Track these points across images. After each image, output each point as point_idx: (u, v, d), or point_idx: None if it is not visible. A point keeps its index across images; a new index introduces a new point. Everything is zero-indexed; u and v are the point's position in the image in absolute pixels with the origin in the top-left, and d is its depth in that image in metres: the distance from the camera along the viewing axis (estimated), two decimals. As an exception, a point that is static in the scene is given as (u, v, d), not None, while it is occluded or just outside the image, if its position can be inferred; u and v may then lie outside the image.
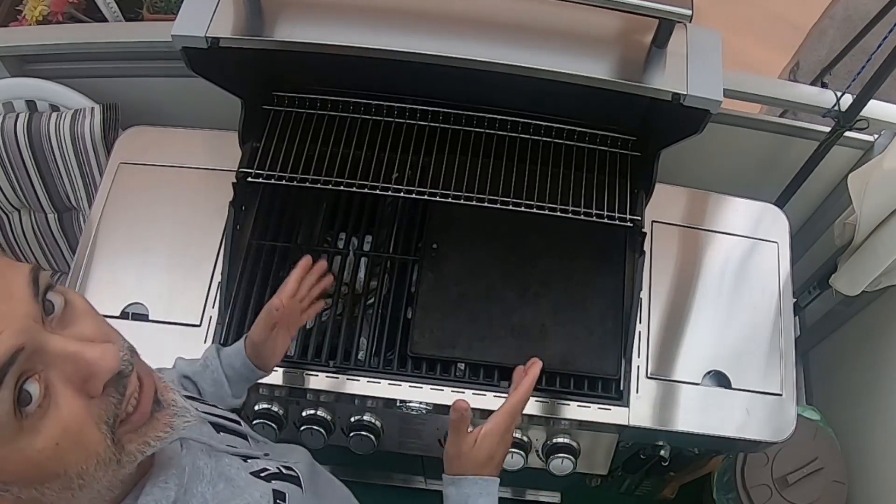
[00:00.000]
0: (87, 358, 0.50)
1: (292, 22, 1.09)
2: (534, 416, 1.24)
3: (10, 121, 1.55)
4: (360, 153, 1.34)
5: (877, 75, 1.37)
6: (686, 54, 1.08)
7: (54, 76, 1.60)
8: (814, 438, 1.66)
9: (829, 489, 1.63)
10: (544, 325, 1.29)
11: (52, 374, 0.49)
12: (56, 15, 1.68)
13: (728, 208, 1.45)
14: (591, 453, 1.31)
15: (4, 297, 0.48)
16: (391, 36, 1.06)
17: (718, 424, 1.25)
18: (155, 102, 1.65)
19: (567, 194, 1.32)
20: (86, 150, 1.55)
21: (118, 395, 0.53)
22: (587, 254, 1.35)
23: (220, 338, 1.25)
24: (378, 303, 1.32)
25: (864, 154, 1.58)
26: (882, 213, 1.44)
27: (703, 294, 1.35)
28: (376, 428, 1.27)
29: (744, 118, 1.59)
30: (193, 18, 1.07)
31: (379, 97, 1.39)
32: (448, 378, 1.25)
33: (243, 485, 0.68)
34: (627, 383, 1.26)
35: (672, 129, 1.20)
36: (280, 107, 1.39)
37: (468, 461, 0.87)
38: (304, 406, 1.27)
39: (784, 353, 1.31)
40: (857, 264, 1.53)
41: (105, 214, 1.36)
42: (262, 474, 0.72)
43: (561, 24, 1.10)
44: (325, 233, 1.41)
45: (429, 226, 1.37)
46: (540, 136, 1.39)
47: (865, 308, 1.73)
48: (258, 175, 1.30)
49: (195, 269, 1.32)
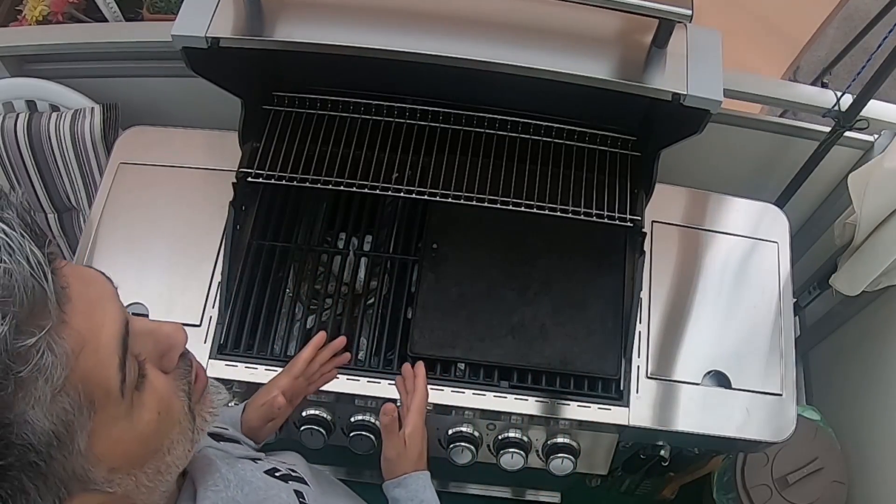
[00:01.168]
0: (165, 332, 0.55)
1: (292, 22, 1.09)
2: (534, 416, 1.24)
3: (10, 121, 1.55)
4: (360, 153, 1.34)
5: (877, 75, 1.37)
6: (686, 54, 1.08)
7: (54, 76, 1.60)
8: (814, 438, 1.66)
9: (829, 489, 1.63)
10: (544, 324, 1.29)
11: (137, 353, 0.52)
12: (56, 15, 1.68)
13: (728, 208, 1.45)
14: (591, 453, 1.31)
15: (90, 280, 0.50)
16: (391, 36, 1.06)
17: (718, 424, 1.24)
18: (155, 102, 1.65)
19: (567, 194, 1.32)
20: (86, 150, 1.55)
21: (186, 366, 0.57)
22: (587, 254, 1.35)
23: (221, 338, 1.25)
24: (378, 303, 1.32)
25: (864, 154, 1.58)
26: (882, 213, 1.44)
27: (703, 294, 1.35)
28: (376, 428, 1.27)
29: (744, 118, 1.59)
30: (193, 18, 1.07)
31: (379, 97, 1.39)
32: (448, 378, 1.25)
33: (264, 486, 0.69)
34: (627, 383, 1.26)
35: (672, 129, 1.20)
36: (280, 107, 1.39)
37: (406, 461, 1.00)
38: (304, 406, 1.27)
39: (784, 353, 1.31)
40: (857, 264, 1.53)
41: (105, 214, 1.36)
42: (275, 474, 0.73)
43: (561, 24, 1.10)
44: (325, 233, 1.41)
45: (429, 226, 1.37)
46: (540, 136, 1.39)
47: (865, 308, 1.73)
48: (258, 175, 1.30)
49: (195, 269, 1.32)
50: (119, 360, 0.48)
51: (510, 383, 1.26)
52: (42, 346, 0.43)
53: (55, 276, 0.45)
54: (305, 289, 1.34)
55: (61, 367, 0.44)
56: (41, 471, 0.45)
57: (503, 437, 1.28)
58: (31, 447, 0.44)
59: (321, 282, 1.34)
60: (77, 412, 0.46)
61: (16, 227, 0.44)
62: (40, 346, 0.43)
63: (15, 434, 0.43)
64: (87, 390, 0.46)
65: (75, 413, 0.46)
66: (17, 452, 0.43)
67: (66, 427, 0.46)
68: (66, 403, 0.45)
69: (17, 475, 0.44)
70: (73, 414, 0.46)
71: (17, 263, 0.43)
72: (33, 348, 0.43)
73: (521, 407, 1.23)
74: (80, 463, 0.47)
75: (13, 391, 0.42)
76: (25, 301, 0.43)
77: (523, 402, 1.24)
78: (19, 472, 0.44)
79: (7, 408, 0.43)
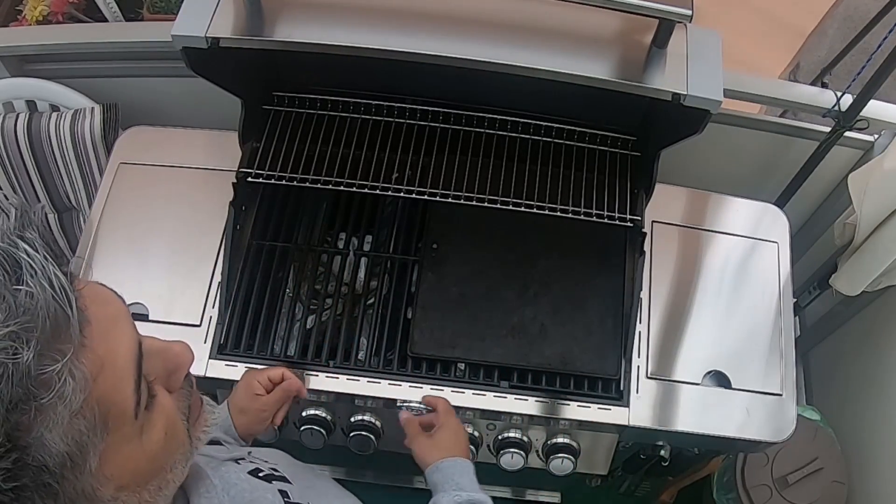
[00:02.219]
0: (175, 352, 0.55)
1: (292, 22, 1.09)
2: (534, 416, 1.24)
3: (10, 121, 1.55)
4: (361, 153, 1.34)
5: (877, 75, 1.37)
6: (686, 54, 1.08)
7: (54, 76, 1.60)
8: (814, 438, 1.66)
9: (829, 489, 1.63)
10: (544, 324, 1.29)
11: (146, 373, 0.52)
12: (56, 15, 1.68)
13: (728, 208, 1.45)
14: (591, 453, 1.31)
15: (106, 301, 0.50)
16: (391, 36, 1.06)
17: (718, 424, 1.24)
18: (155, 102, 1.65)
19: (567, 194, 1.32)
20: (86, 150, 1.55)
21: (188, 386, 0.58)
22: (587, 254, 1.35)
23: (221, 338, 1.25)
24: (378, 303, 1.32)
25: (864, 154, 1.58)
26: (882, 213, 1.44)
27: (703, 294, 1.35)
28: (376, 428, 1.27)
29: (744, 118, 1.59)
30: (193, 18, 1.07)
31: (379, 97, 1.39)
32: (448, 378, 1.25)
33: (249, 488, 0.69)
34: (627, 383, 1.26)
35: (672, 129, 1.20)
36: (280, 107, 1.39)
37: (438, 448, 1.03)
38: (304, 406, 1.27)
39: (784, 353, 1.31)
40: (857, 264, 1.53)
41: (105, 214, 1.36)
42: (259, 475, 0.73)
43: (561, 24, 1.10)
44: (325, 233, 1.41)
45: (429, 226, 1.37)
46: (540, 136, 1.39)
47: (865, 308, 1.73)
48: (258, 175, 1.30)
49: (195, 269, 1.32)
50: (134, 382, 0.49)
51: (510, 383, 1.26)
52: (64, 373, 0.43)
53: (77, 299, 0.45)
54: (305, 289, 1.34)
55: (80, 392, 0.44)
56: (53, 491, 0.45)
57: (503, 437, 1.28)
58: (45, 469, 0.44)
59: (321, 282, 1.34)
60: (91, 433, 0.46)
61: (39, 248, 0.44)
62: (63, 372, 0.43)
63: (31, 456, 0.43)
64: (103, 412, 0.46)
65: (89, 434, 0.46)
66: (31, 473, 0.44)
67: (80, 448, 0.46)
68: (81, 426, 0.45)
69: (30, 495, 0.44)
70: (87, 435, 0.46)
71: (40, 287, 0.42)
72: (56, 375, 0.43)
73: (521, 407, 1.23)
74: (90, 482, 0.48)
75: (33, 416, 0.42)
76: (48, 325, 0.42)
77: (523, 402, 1.24)
78: (33, 492, 0.44)
79: (26, 431, 0.43)
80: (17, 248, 0.43)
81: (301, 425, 1.27)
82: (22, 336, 0.41)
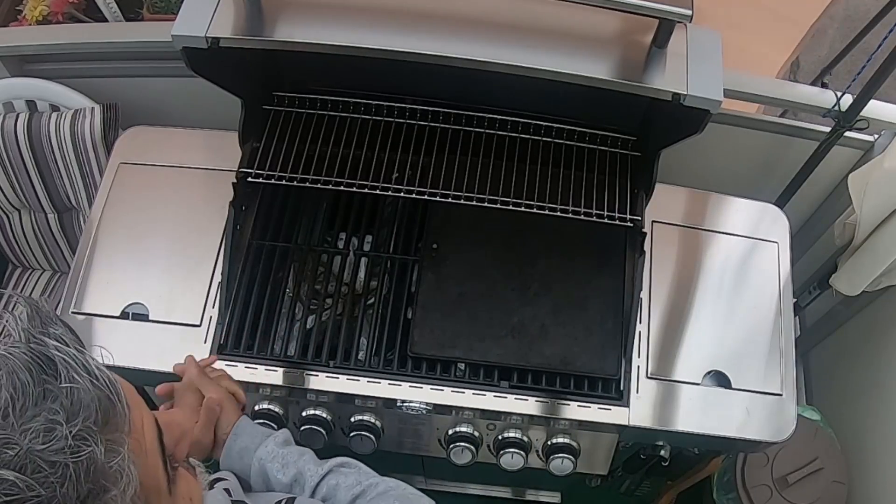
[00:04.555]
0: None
1: (292, 22, 1.09)
2: (534, 416, 1.24)
3: (10, 121, 1.55)
4: (361, 153, 1.34)
5: (877, 75, 1.37)
6: (686, 54, 1.08)
7: (54, 76, 1.60)
8: (814, 438, 1.66)
9: (829, 489, 1.62)
10: (544, 324, 1.29)
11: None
12: (56, 15, 1.68)
13: (728, 208, 1.45)
14: (591, 453, 1.31)
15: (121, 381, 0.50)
16: (391, 36, 1.06)
17: (718, 424, 1.24)
18: (155, 102, 1.65)
19: (567, 194, 1.32)
20: (86, 150, 1.55)
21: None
22: (587, 254, 1.35)
23: (221, 338, 1.25)
24: (378, 303, 1.32)
25: (864, 154, 1.58)
26: (882, 213, 1.44)
27: (703, 294, 1.35)
28: (376, 428, 1.27)
29: (744, 118, 1.59)
30: (193, 18, 1.07)
31: (379, 97, 1.39)
32: (448, 378, 1.25)
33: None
34: (627, 383, 1.26)
35: (672, 129, 1.20)
36: (280, 107, 1.39)
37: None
38: (304, 406, 1.27)
39: (784, 353, 1.31)
40: (857, 264, 1.53)
41: (105, 214, 1.36)
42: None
43: (561, 24, 1.10)
44: (325, 233, 1.41)
45: (429, 226, 1.37)
46: (540, 136, 1.39)
47: (865, 308, 1.73)
48: (258, 175, 1.30)
49: (195, 269, 1.32)
50: (163, 461, 0.50)
51: (510, 383, 1.26)
52: (127, 463, 0.43)
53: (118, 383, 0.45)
54: (305, 289, 1.34)
55: (135, 479, 0.45)
56: None
57: (503, 437, 1.28)
58: None
59: (321, 282, 1.34)
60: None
61: (70, 343, 0.44)
62: (125, 462, 0.43)
63: None
64: (144, 495, 0.47)
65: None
66: None
67: None
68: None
69: None
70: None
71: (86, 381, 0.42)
72: (119, 465, 0.43)
73: (521, 407, 1.23)
74: None
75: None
76: (100, 417, 0.43)
77: (523, 402, 1.24)
78: None
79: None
80: (47, 346, 0.43)
81: (301, 425, 1.27)
82: (84, 433, 0.41)
